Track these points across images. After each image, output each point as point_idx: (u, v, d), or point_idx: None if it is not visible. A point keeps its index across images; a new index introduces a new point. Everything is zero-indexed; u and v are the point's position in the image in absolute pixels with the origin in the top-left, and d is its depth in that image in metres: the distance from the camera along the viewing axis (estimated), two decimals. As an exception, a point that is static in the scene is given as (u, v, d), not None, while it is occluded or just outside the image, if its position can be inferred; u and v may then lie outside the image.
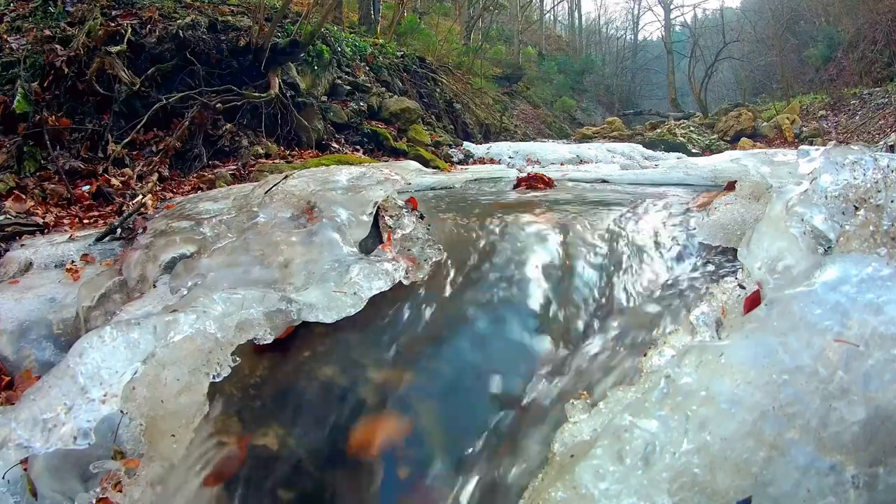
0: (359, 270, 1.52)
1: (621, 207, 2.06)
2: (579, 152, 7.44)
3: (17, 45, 3.96)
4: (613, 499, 0.73)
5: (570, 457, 0.87)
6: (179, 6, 5.09)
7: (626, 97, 27.44)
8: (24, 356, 1.76)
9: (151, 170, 3.65)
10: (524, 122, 15.18)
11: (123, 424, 1.25)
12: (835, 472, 0.69)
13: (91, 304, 1.79)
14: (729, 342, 0.84)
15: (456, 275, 1.68)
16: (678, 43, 26.61)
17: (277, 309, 1.36)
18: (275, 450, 1.31)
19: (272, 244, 1.69)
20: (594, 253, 1.71)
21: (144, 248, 1.93)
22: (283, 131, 5.07)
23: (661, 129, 13.60)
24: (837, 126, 12.88)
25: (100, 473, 1.22)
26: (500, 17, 22.76)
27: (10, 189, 3.03)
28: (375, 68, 8.07)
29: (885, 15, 15.72)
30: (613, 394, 0.99)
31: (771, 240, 1.12)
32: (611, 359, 1.34)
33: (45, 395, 1.07)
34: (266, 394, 1.43)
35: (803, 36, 20.99)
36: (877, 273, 0.83)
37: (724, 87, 27.92)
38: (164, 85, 4.41)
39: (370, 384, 1.39)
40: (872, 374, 0.73)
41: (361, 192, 1.92)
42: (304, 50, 5.66)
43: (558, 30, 33.52)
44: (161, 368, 1.15)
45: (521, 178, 3.12)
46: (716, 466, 0.72)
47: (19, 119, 3.48)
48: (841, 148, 1.20)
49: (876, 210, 1.01)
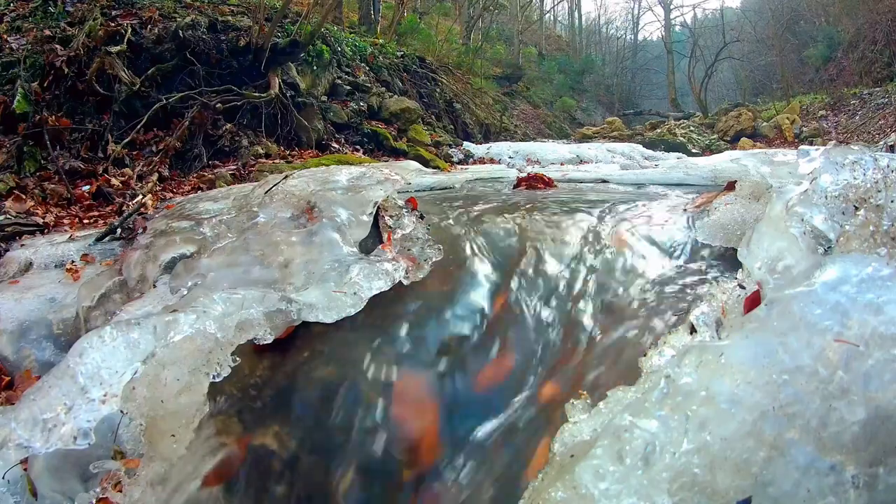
0: (359, 270, 1.52)
1: (621, 207, 2.06)
2: (579, 152, 7.44)
3: (17, 45, 3.96)
4: (613, 499, 0.73)
5: (570, 457, 0.87)
6: (179, 6, 5.09)
7: (626, 97, 27.44)
8: (24, 356, 1.77)
9: (151, 170, 3.65)
10: (524, 122, 15.18)
11: (123, 424, 1.25)
12: (835, 472, 0.69)
13: (91, 304, 1.79)
14: (729, 342, 0.84)
15: (456, 275, 1.68)
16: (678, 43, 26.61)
17: (277, 309, 1.36)
18: (275, 450, 1.31)
19: (272, 244, 1.69)
20: (594, 253, 1.71)
21: (144, 248, 1.93)
22: (283, 131, 5.08)
23: (661, 129, 13.61)
24: (837, 126, 12.88)
25: (100, 473, 1.22)
26: (500, 17, 22.77)
27: (10, 189, 3.03)
28: (375, 68, 8.07)
29: (885, 15, 15.73)
30: (613, 394, 0.99)
31: (771, 240, 1.12)
32: (611, 359, 1.34)
33: (45, 395, 1.07)
34: (266, 394, 1.43)
35: (803, 36, 21.00)
36: (877, 273, 0.83)
37: (724, 87, 27.92)
38: (164, 85, 4.41)
39: (370, 384, 1.39)
40: (872, 374, 0.73)
41: (361, 192, 1.92)
42: (304, 50, 5.66)
43: (558, 30, 33.53)
44: (161, 368, 1.15)
45: (521, 178, 3.12)
46: (716, 466, 0.72)
47: (19, 119, 3.48)
48: (841, 148, 1.20)
49: (876, 210, 1.01)
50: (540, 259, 1.71)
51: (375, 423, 1.32)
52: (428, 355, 1.45)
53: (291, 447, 1.31)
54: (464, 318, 1.54)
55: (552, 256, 1.72)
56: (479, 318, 1.53)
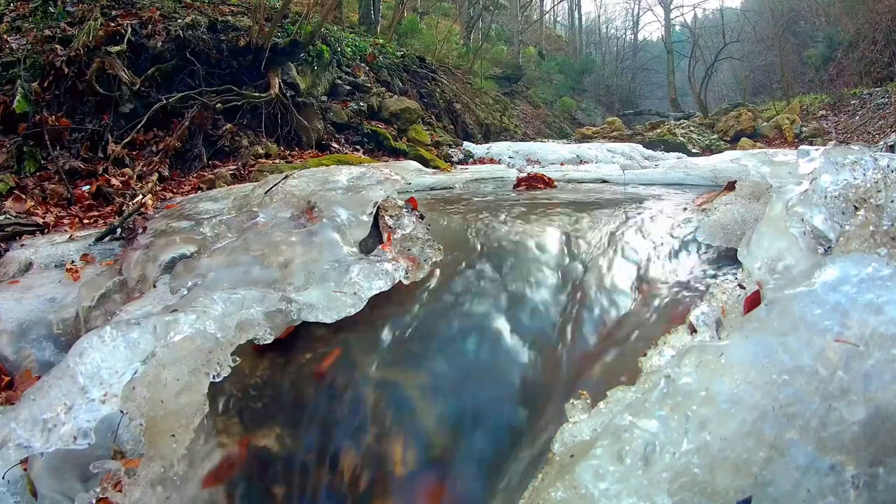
0: (359, 270, 1.52)
1: (621, 207, 2.06)
2: (579, 152, 7.43)
3: (17, 45, 3.96)
4: (613, 499, 0.73)
5: (570, 457, 0.87)
6: (179, 6, 5.09)
7: (626, 97, 27.41)
8: (24, 356, 1.77)
9: (151, 170, 3.65)
10: (524, 122, 15.17)
11: (123, 424, 1.25)
12: (835, 472, 0.69)
13: (91, 304, 1.79)
14: (729, 342, 0.84)
15: (456, 275, 1.68)
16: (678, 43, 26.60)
17: (277, 309, 1.36)
18: (275, 450, 1.31)
19: (272, 244, 1.69)
20: (594, 252, 1.71)
21: (144, 248, 1.93)
22: (283, 131, 5.08)
23: (660, 129, 13.61)
24: (837, 126, 12.88)
25: (100, 473, 1.22)
26: (500, 17, 22.76)
27: (10, 189, 3.03)
28: (375, 68, 8.07)
29: (885, 15, 15.72)
30: (613, 394, 0.99)
31: (771, 240, 1.13)
32: (611, 358, 1.34)
33: (45, 395, 1.07)
34: (266, 394, 1.43)
35: (803, 36, 20.99)
36: (877, 273, 0.83)
37: (724, 87, 27.91)
38: (164, 85, 4.41)
39: (370, 384, 1.39)
40: (872, 374, 0.73)
41: (361, 192, 1.92)
42: (304, 50, 5.66)
43: (558, 30, 33.51)
44: (161, 368, 1.15)
45: (521, 178, 3.13)
46: (716, 466, 0.72)
47: (19, 119, 3.48)
48: (841, 148, 1.20)
49: (876, 210, 1.01)
50: (540, 258, 1.71)
51: (376, 422, 1.32)
52: (428, 355, 1.45)
53: (291, 447, 1.31)
54: (464, 318, 1.54)
55: (552, 255, 1.72)
56: (478, 317, 1.53)
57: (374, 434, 1.30)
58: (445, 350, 1.46)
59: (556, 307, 1.54)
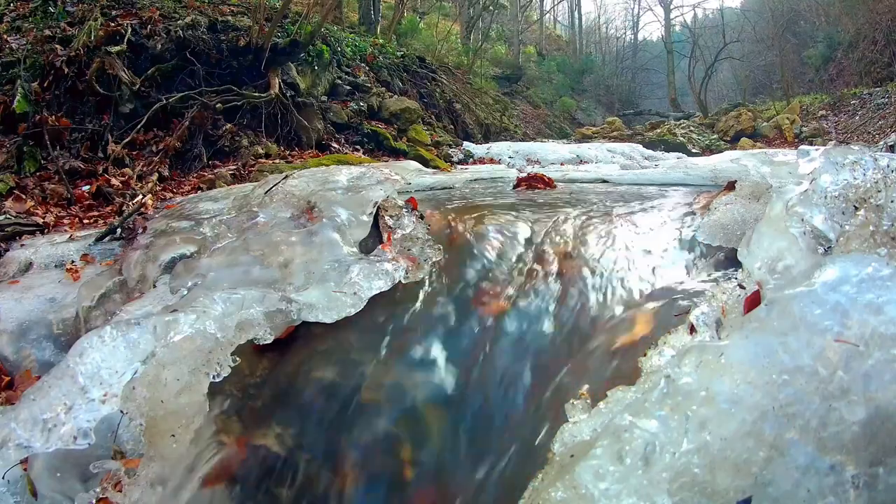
0: (359, 270, 1.52)
1: (621, 207, 2.06)
2: (579, 152, 7.43)
3: (17, 45, 3.96)
4: (613, 499, 0.73)
5: (570, 457, 0.87)
6: (179, 6, 5.09)
7: (626, 97, 27.39)
8: (24, 356, 1.77)
9: (151, 170, 3.65)
10: (524, 122, 15.17)
11: (123, 424, 1.25)
12: (835, 472, 0.69)
13: (91, 304, 1.79)
14: (729, 342, 0.84)
15: (456, 274, 1.68)
16: (678, 43, 26.58)
17: (277, 309, 1.36)
18: (275, 450, 1.31)
19: (272, 244, 1.69)
20: (594, 252, 1.71)
21: (144, 248, 1.93)
22: (283, 131, 5.07)
23: (660, 129, 13.60)
24: (837, 126, 12.88)
25: (100, 473, 1.22)
26: (500, 17, 22.75)
27: (10, 189, 3.03)
28: (375, 68, 8.06)
29: (885, 15, 15.71)
30: (613, 394, 0.99)
31: (771, 240, 1.12)
32: (611, 358, 1.34)
33: (45, 395, 1.07)
34: (266, 394, 1.43)
35: (803, 36, 20.99)
36: (877, 273, 0.83)
37: (724, 87, 27.89)
38: (164, 85, 4.41)
39: (370, 384, 1.39)
40: (872, 374, 0.73)
41: (361, 192, 1.92)
42: (304, 50, 5.66)
43: (558, 30, 33.51)
44: (161, 368, 1.15)
45: (521, 178, 3.12)
46: (716, 466, 0.72)
47: (19, 119, 3.48)
48: (841, 148, 1.20)
49: (876, 210, 1.01)
50: (539, 258, 1.71)
51: (376, 422, 1.32)
52: (428, 355, 1.45)
53: (291, 447, 1.31)
54: (464, 318, 1.54)
55: (552, 255, 1.72)
56: (478, 317, 1.53)
57: (375, 434, 1.30)
58: (446, 350, 1.46)
59: (556, 306, 1.54)
